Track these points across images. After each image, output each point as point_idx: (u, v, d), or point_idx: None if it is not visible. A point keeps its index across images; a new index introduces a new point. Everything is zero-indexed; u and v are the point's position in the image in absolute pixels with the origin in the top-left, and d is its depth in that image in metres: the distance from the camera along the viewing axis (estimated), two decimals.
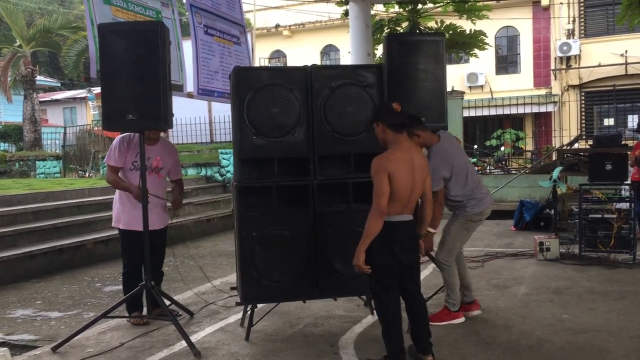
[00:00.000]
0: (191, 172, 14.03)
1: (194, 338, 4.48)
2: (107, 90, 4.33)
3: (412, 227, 3.75)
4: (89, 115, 27.38)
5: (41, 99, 24.04)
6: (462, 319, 4.69)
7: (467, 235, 4.75)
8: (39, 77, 22.52)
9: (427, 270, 6.43)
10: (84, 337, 4.62)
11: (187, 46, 5.85)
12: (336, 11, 13.85)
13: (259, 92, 4.27)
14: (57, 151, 19.50)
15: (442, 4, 12.63)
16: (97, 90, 26.64)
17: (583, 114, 20.74)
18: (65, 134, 19.58)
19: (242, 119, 4.28)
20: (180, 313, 5.10)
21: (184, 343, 4.34)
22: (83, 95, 28.35)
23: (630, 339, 4.20)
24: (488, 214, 4.77)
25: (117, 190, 5.02)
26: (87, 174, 17.69)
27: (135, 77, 4.27)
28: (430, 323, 4.43)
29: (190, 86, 5.84)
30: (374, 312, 4.93)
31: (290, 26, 25.78)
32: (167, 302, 4.88)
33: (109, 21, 5.00)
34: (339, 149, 4.46)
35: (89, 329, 4.60)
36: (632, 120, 18.47)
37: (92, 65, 4.82)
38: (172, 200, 5.24)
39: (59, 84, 30.71)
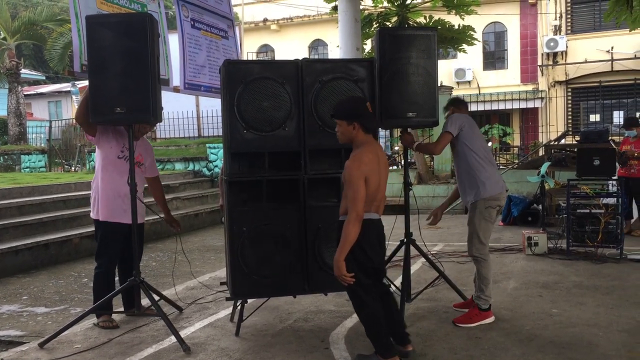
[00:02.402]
0: (179, 166, 13.96)
1: (183, 333, 4.45)
2: (95, 82, 4.25)
3: (380, 226, 3.72)
4: (74, 109, 27.01)
5: (26, 93, 23.79)
6: (492, 318, 4.56)
7: (490, 225, 4.62)
8: (23, 70, 22.26)
9: (416, 265, 6.43)
10: (72, 333, 4.57)
11: (173, 40, 5.79)
12: (324, 5, 13.82)
13: (250, 86, 4.23)
14: (43, 145, 19.31)
15: None
16: (82, 84, 26.43)
17: (569, 109, 20.90)
18: (50, 127, 19.40)
19: (232, 112, 4.24)
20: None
21: (173, 338, 4.31)
22: (68, 88, 28.03)
23: (619, 333, 4.23)
24: (503, 201, 4.70)
25: (96, 180, 4.80)
26: (73, 168, 17.53)
27: (123, 70, 4.20)
28: (459, 325, 4.45)
29: (176, 80, 5.79)
30: None
31: (278, 20, 25.67)
32: (156, 298, 4.83)
33: (94, 14, 4.93)
34: (330, 144, 4.41)
35: (76, 325, 4.55)
36: (617, 116, 18.65)
37: (75, 59, 4.75)
38: (165, 217, 5.23)
39: (44, 77, 30.40)
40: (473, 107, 19.76)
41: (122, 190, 4.68)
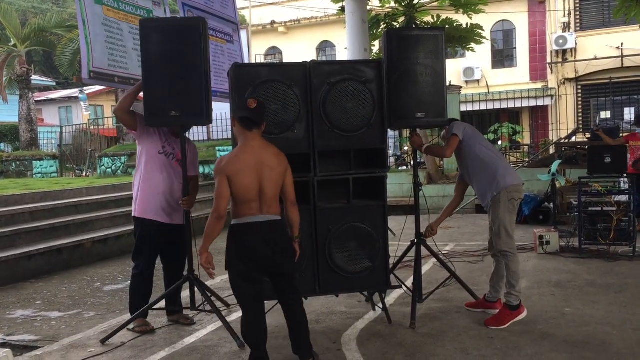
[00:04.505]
0: None
1: (195, 337, 4.49)
2: (149, 86, 4.34)
3: (274, 227, 3.55)
4: (83, 115, 27.23)
5: (37, 99, 23.98)
6: (525, 313, 4.55)
7: (514, 218, 4.62)
8: (34, 77, 22.45)
9: (427, 265, 6.42)
10: (86, 337, 4.61)
11: None
12: (332, 7, 13.83)
13: (258, 89, 4.24)
14: (54, 151, 19.45)
15: None
16: (90, 90, 26.57)
17: (580, 107, 20.76)
18: (61, 133, 19.54)
19: None
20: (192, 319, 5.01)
21: (185, 341, 4.36)
22: (78, 94, 28.24)
23: (633, 332, 4.20)
24: (522, 194, 4.70)
25: (137, 177, 4.74)
26: (84, 173, 17.65)
27: (177, 73, 4.30)
28: (490, 327, 4.41)
29: None
30: (376, 308, 4.94)
31: (285, 22, 25.71)
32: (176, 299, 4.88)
33: (101, 21, 4.98)
34: (339, 145, 4.44)
35: (90, 330, 4.59)
36: (629, 113, 18.49)
37: (83, 66, 4.77)
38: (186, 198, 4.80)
39: (54, 83, 30.63)
40: (482, 106, 19.71)
41: (160, 187, 4.68)
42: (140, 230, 4.76)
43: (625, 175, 7.22)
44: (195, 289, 4.73)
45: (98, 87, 24.82)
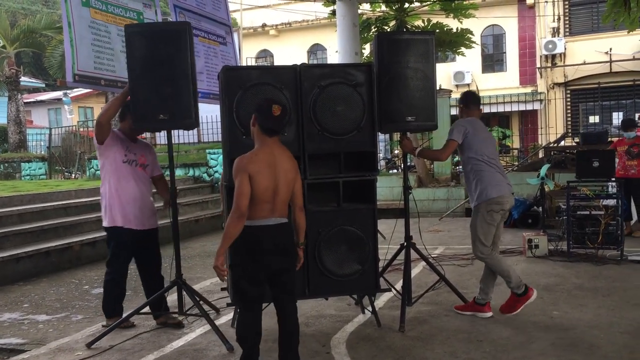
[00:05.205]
0: (179, 172, 13.95)
1: (184, 340, 4.47)
2: (137, 90, 4.34)
3: (282, 231, 3.52)
4: (68, 117, 26.99)
5: (25, 100, 23.81)
6: (534, 295, 4.71)
7: (492, 228, 4.67)
8: (23, 78, 22.30)
9: (417, 269, 6.43)
10: (73, 340, 4.58)
11: None
12: (323, 10, 13.88)
13: (249, 92, 4.23)
14: (43, 152, 19.32)
15: (429, 2, 12.69)
16: (74, 93, 26.38)
17: (569, 111, 20.92)
18: (50, 135, 19.41)
19: (231, 118, 4.24)
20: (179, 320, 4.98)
21: (174, 345, 4.33)
22: (62, 97, 28.02)
23: (620, 335, 4.23)
24: (507, 205, 4.72)
25: (104, 188, 4.75)
26: (73, 175, 17.53)
27: (164, 78, 4.29)
28: (508, 315, 4.61)
29: None
30: (365, 311, 4.94)
31: (277, 25, 25.72)
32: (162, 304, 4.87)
33: (87, 23, 4.96)
34: (329, 148, 4.44)
35: (78, 333, 4.55)
36: (617, 118, 18.67)
37: (67, 69, 4.73)
38: (164, 202, 5.05)
39: (43, 85, 30.44)
40: None
41: (131, 195, 4.72)
42: (117, 239, 4.77)
43: (613, 179, 7.27)
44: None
45: (87, 89, 24.68)
